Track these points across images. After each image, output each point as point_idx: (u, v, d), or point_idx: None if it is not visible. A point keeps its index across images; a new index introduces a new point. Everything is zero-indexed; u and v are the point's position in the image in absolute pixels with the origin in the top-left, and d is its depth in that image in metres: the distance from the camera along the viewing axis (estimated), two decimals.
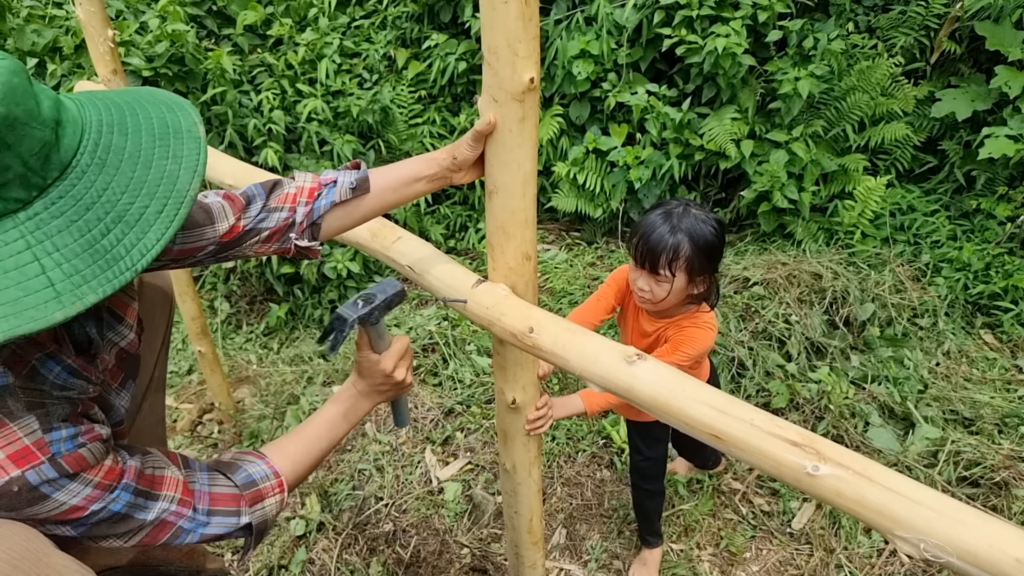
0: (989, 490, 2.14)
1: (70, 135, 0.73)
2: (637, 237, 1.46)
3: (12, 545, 0.78)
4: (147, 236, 0.73)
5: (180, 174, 0.78)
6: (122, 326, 1.08)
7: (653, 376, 0.94)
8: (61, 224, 0.69)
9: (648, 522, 1.93)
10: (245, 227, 1.10)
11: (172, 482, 0.95)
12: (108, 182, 0.73)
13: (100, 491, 0.85)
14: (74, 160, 0.73)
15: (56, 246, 0.68)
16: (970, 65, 3.48)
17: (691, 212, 1.44)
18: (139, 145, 0.78)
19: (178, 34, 3.00)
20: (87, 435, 0.85)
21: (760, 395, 2.54)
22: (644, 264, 1.44)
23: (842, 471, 0.76)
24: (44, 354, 0.86)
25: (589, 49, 3.43)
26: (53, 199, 0.70)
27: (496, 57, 0.92)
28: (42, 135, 0.69)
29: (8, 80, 0.66)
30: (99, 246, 0.70)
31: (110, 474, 0.87)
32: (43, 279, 0.67)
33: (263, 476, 1.05)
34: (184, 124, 0.83)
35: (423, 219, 3.66)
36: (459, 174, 1.11)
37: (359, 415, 1.20)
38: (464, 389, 2.68)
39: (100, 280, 0.69)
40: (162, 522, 0.92)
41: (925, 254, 3.21)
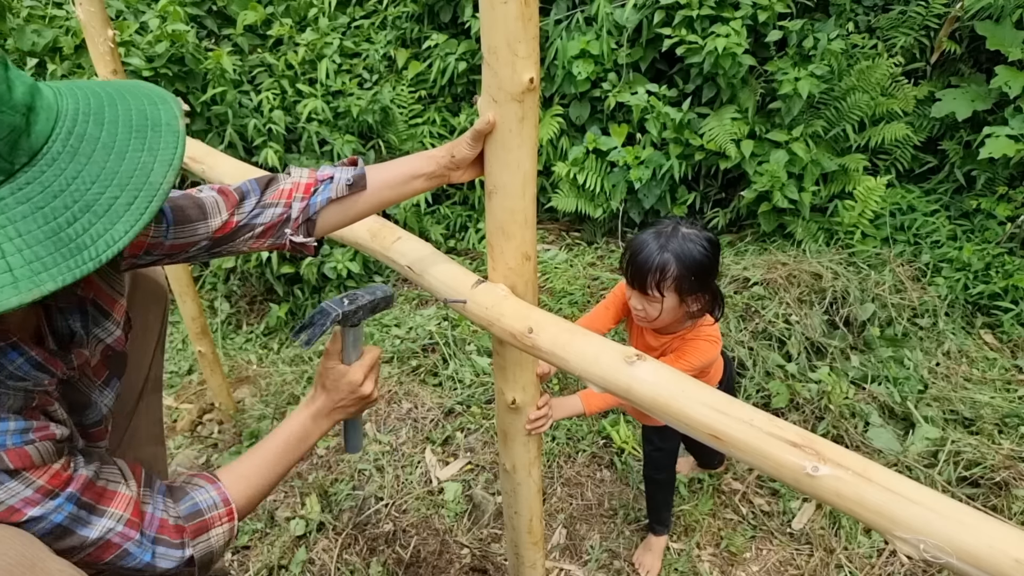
0: (989, 490, 2.14)
1: (42, 122, 0.72)
2: (627, 257, 1.47)
3: (7, 550, 0.77)
4: (115, 227, 0.72)
5: (154, 167, 0.76)
6: (108, 322, 1.06)
7: (653, 377, 0.94)
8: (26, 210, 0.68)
9: (657, 511, 1.99)
10: (239, 223, 1.10)
11: (123, 500, 0.90)
12: (79, 171, 0.72)
13: (41, 495, 0.81)
14: (45, 147, 0.72)
15: (19, 231, 0.67)
16: (970, 65, 3.48)
17: (680, 231, 1.44)
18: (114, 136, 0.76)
19: (178, 34, 3.00)
20: (39, 432, 0.82)
21: (760, 395, 2.54)
22: (633, 284, 1.46)
23: (842, 472, 0.76)
24: (7, 344, 0.84)
25: (589, 49, 3.43)
26: (20, 184, 0.69)
27: (496, 57, 0.92)
28: (11, 120, 0.68)
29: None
30: (64, 234, 0.69)
31: (55, 479, 0.82)
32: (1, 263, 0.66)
33: (211, 504, 0.99)
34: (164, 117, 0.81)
35: (423, 219, 3.66)
36: (457, 172, 1.11)
37: (318, 435, 1.14)
38: (464, 389, 2.68)
39: (61, 268, 0.68)
40: (106, 542, 0.87)
41: (925, 254, 3.21)
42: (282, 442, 1.11)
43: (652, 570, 1.99)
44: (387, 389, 2.70)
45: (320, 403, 1.14)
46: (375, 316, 1.23)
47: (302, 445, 1.12)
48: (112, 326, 1.06)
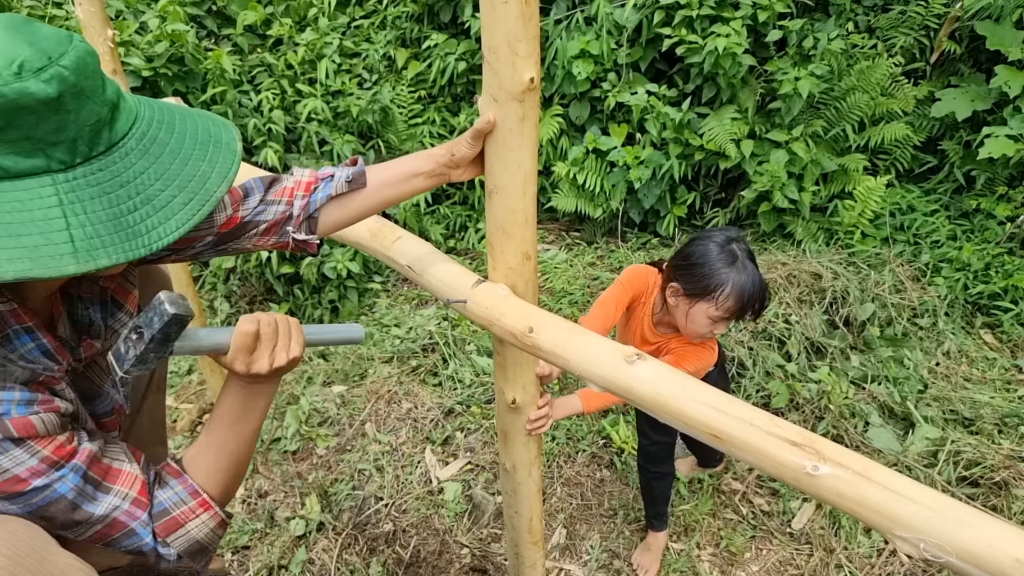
0: (989, 490, 2.14)
1: (123, 120, 0.81)
2: (747, 303, 1.44)
3: (16, 541, 0.78)
4: (169, 222, 0.79)
5: (212, 176, 0.85)
6: (122, 313, 1.09)
7: (653, 376, 0.94)
8: (94, 192, 0.76)
9: (654, 506, 1.97)
10: (243, 219, 1.12)
11: (128, 478, 0.90)
12: (146, 168, 0.80)
13: (46, 466, 0.82)
14: (121, 142, 0.80)
15: (85, 209, 0.74)
16: (970, 65, 3.48)
17: (747, 253, 1.46)
18: (181, 144, 0.85)
19: (178, 34, 3.00)
20: (44, 404, 0.84)
21: (760, 395, 2.54)
22: (742, 316, 1.48)
23: (842, 471, 0.76)
24: (22, 327, 0.87)
25: (589, 49, 3.43)
26: (93, 170, 0.77)
27: (496, 57, 0.92)
28: (99, 111, 0.77)
29: (83, 56, 0.75)
30: (123, 220, 0.76)
31: (60, 450, 0.83)
32: (65, 234, 0.72)
33: (177, 501, 0.94)
34: (225, 138, 0.90)
35: (423, 219, 3.66)
36: (457, 171, 1.11)
37: (262, 403, 1.03)
38: (464, 389, 2.68)
39: (116, 248, 0.75)
40: (113, 520, 0.88)
41: (925, 254, 3.21)
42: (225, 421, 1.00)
43: (651, 570, 1.98)
44: (387, 389, 2.70)
45: (237, 381, 1.00)
46: (188, 346, 0.93)
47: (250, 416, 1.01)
48: (125, 317, 1.09)
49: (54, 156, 0.74)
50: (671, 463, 1.92)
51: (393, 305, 3.31)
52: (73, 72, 0.73)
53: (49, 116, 0.72)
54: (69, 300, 1.01)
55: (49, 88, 0.71)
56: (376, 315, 3.23)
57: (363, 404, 2.63)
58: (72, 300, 1.01)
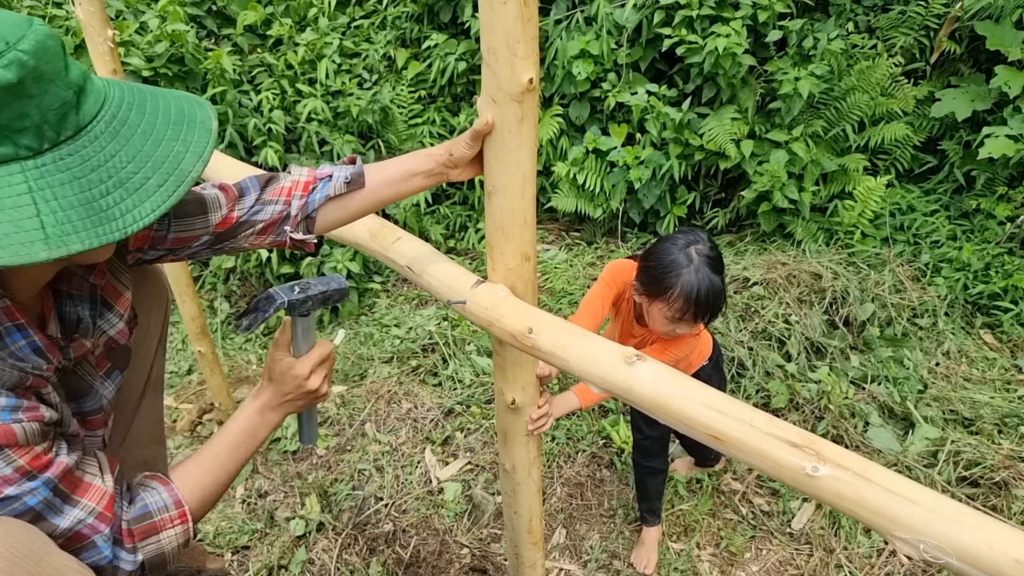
0: (989, 490, 2.14)
1: (91, 103, 0.79)
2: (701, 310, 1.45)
3: (14, 543, 0.78)
4: (144, 204, 0.78)
5: (186, 156, 0.83)
6: (112, 314, 1.08)
7: (653, 377, 0.94)
8: (64, 178, 0.75)
9: (647, 500, 1.99)
10: (239, 218, 1.11)
11: (97, 492, 0.90)
12: (117, 150, 0.79)
13: (19, 475, 0.81)
14: (90, 125, 0.79)
15: (55, 195, 0.73)
16: (970, 65, 3.48)
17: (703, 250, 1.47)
18: (153, 124, 0.84)
19: (178, 34, 3.00)
20: (28, 412, 0.83)
21: (760, 395, 2.54)
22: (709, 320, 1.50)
23: (841, 472, 0.76)
24: (14, 324, 0.86)
25: (589, 49, 3.43)
26: (62, 155, 0.76)
27: (495, 58, 0.92)
28: (64, 95, 0.75)
29: (43, 40, 0.74)
30: (96, 204, 0.75)
31: (36, 461, 0.83)
32: (36, 221, 0.71)
33: (161, 507, 0.96)
34: (200, 117, 0.89)
35: (423, 219, 3.66)
36: (456, 171, 1.11)
37: (268, 429, 1.11)
38: (464, 389, 2.68)
39: (89, 233, 0.74)
40: (76, 533, 0.87)
41: (925, 254, 3.21)
42: (232, 439, 1.08)
43: (650, 564, 1.99)
44: (387, 389, 2.70)
45: (266, 396, 1.11)
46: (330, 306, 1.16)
47: (252, 441, 1.09)
48: (115, 319, 1.09)
49: (20, 143, 0.73)
50: (664, 459, 1.94)
51: (393, 305, 3.31)
52: (32, 56, 0.72)
53: (10, 102, 0.71)
54: (58, 297, 1.00)
55: (8, 74, 0.70)
56: (376, 315, 3.23)
57: (363, 404, 2.63)
58: (61, 297, 1.01)
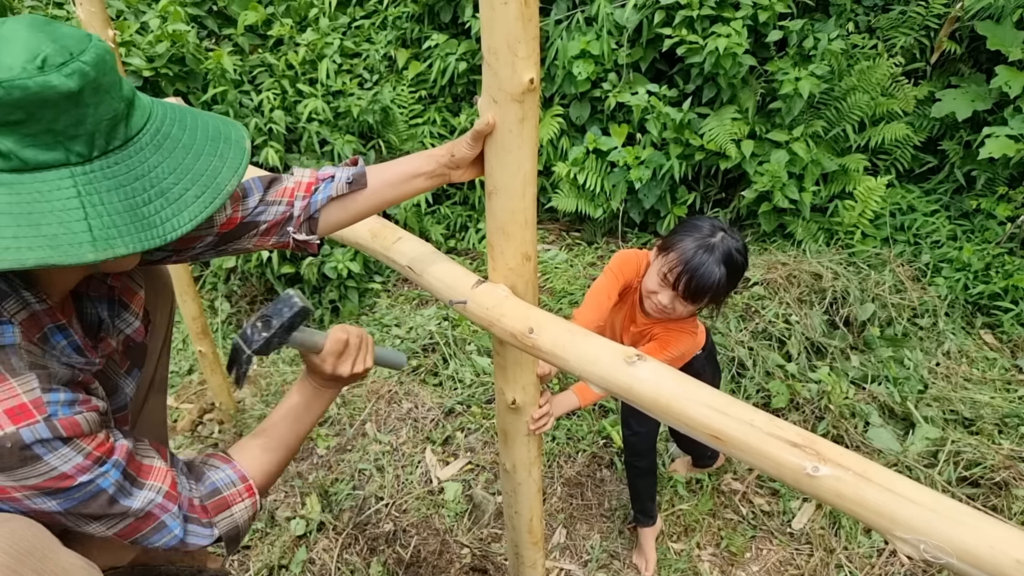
0: (989, 490, 2.14)
1: (138, 117, 0.84)
2: (679, 269, 1.47)
3: (19, 540, 0.79)
4: (182, 214, 0.83)
5: (222, 171, 0.88)
6: (128, 313, 1.11)
7: (653, 377, 0.94)
8: (111, 185, 0.79)
9: (639, 501, 1.99)
10: (243, 219, 1.12)
11: (160, 473, 0.94)
12: (160, 162, 0.84)
13: (91, 462, 0.84)
14: (136, 137, 0.83)
15: (102, 200, 0.77)
16: (970, 65, 3.48)
17: (728, 242, 1.47)
18: (193, 140, 0.89)
19: (179, 34, 3.01)
20: (84, 404, 0.86)
21: (760, 395, 2.54)
22: (686, 296, 1.48)
23: (842, 472, 0.76)
24: (56, 325, 0.90)
25: (589, 49, 3.43)
26: (110, 163, 0.80)
27: (496, 58, 0.92)
28: (117, 106, 0.80)
29: (102, 54, 0.78)
30: (139, 211, 0.79)
31: (102, 447, 0.86)
32: (84, 224, 0.75)
33: (228, 483, 1.01)
34: (235, 136, 0.94)
35: (423, 219, 3.67)
36: (457, 172, 1.12)
37: (323, 406, 1.16)
38: (464, 389, 2.68)
39: (133, 238, 0.78)
40: (147, 513, 0.91)
41: (925, 254, 3.21)
42: (288, 413, 1.12)
43: (649, 563, 1.99)
44: (387, 389, 2.70)
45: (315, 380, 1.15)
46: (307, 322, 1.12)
47: (308, 416, 1.13)
48: (131, 317, 1.11)
49: (73, 149, 0.77)
50: (653, 458, 1.93)
51: (393, 305, 3.31)
52: (93, 68, 0.76)
53: (69, 109, 0.75)
54: (78, 300, 1.03)
55: (71, 82, 0.74)
56: (376, 315, 3.23)
57: (363, 404, 2.63)
58: (81, 300, 1.03)
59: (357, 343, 1.12)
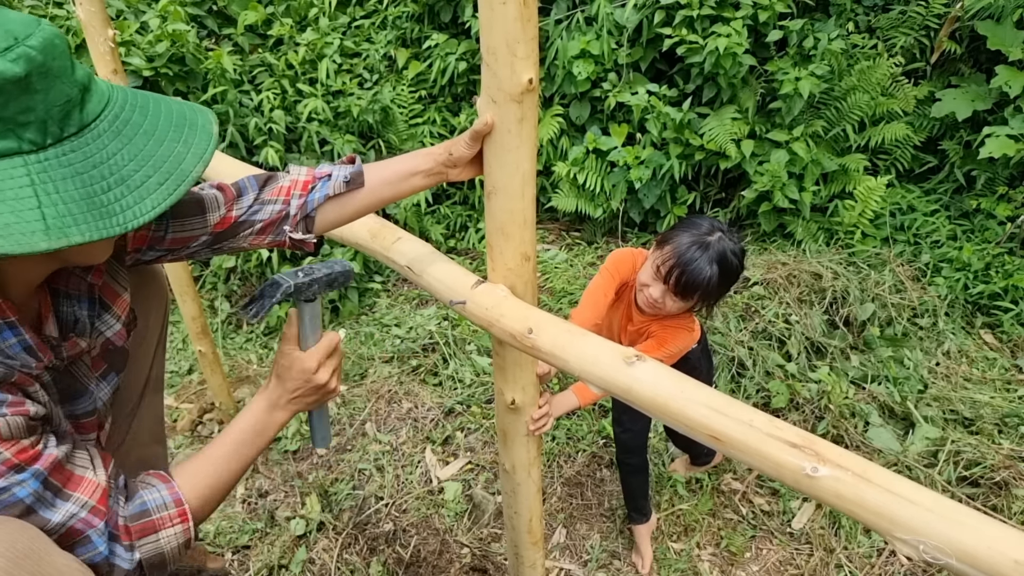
0: (989, 490, 2.14)
1: (95, 103, 0.81)
2: (671, 263, 1.47)
3: (15, 543, 0.78)
4: (144, 201, 0.80)
5: (187, 157, 0.85)
6: (109, 315, 1.08)
7: (652, 378, 0.94)
8: (67, 173, 0.76)
9: (632, 500, 2.00)
10: (238, 218, 1.11)
11: (90, 486, 0.89)
12: (119, 148, 0.81)
13: (6, 468, 0.81)
14: (93, 123, 0.80)
15: (57, 189, 0.75)
16: (970, 65, 3.48)
17: (724, 243, 1.48)
18: (155, 126, 0.86)
19: (179, 34, 3.01)
20: (12, 406, 0.83)
21: (760, 395, 2.54)
22: (676, 292, 1.49)
23: (841, 472, 0.76)
24: (4, 321, 0.87)
25: (589, 49, 3.43)
26: (65, 151, 0.77)
27: (495, 58, 0.92)
28: (69, 92, 0.77)
29: (50, 38, 0.76)
30: (97, 199, 0.77)
31: (22, 453, 0.82)
32: (37, 212, 0.73)
33: (159, 504, 0.95)
34: (201, 121, 0.91)
35: (423, 219, 3.67)
36: (455, 171, 1.11)
37: (276, 427, 1.09)
38: (464, 389, 2.68)
39: (90, 226, 0.75)
40: (69, 528, 0.85)
41: (925, 254, 3.21)
42: (237, 437, 1.06)
43: (646, 561, 2.01)
44: (387, 389, 2.70)
45: (274, 393, 1.09)
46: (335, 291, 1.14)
47: (259, 439, 1.07)
48: (112, 320, 1.08)
49: (24, 137, 0.75)
50: (644, 456, 1.94)
51: (393, 305, 3.31)
52: (40, 52, 0.74)
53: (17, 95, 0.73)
54: (55, 297, 1.00)
55: (16, 67, 0.72)
56: (376, 315, 3.23)
57: (363, 404, 2.63)
58: (59, 297, 1.01)
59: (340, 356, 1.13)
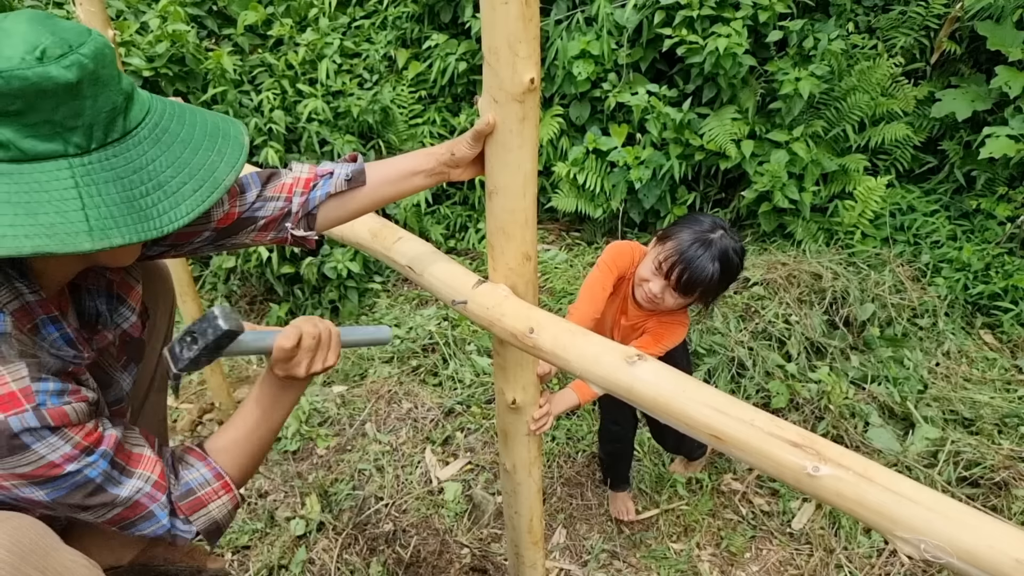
0: (989, 490, 2.14)
1: (137, 111, 0.85)
2: (673, 259, 1.48)
3: (22, 538, 0.80)
4: (180, 207, 0.84)
5: (220, 166, 0.89)
6: (125, 308, 1.11)
7: (654, 377, 0.94)
8: (109, 176, 0.80)
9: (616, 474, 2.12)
10: (241, 214, 1.12)
11: (149, 462, 0.94)
12: (158, 155, 0.85)
13: (79, 451, 0.85)
14: (135, 130, 0.84)
15: (99, 192, 0.78)
16: (970, 65, 3.48)
17: (726, 241, 1.49)
18: (192, 135, 0.90)
19: (179, 34, 3.01)
20: (73, 394, 0.86)
21: (760, 395, 2.54)
22: (677, 288, 1.50)
23: (842, 472, 0.77)
24: (49, 317, 0.90)
25: (589, 49, 3.43)
26: (108, 155, 0.81)
27: (496, 58, 0.92)
28: (115, 99, 0.81)
29: (101, 47, 0.80)
30: (136, 203, 0.80)
31: (90, 436, 0.87)
32: (81, 214, 0.76)
33: (202, 482, 1.00)
34: (233, 132, 0.95)
35: (423, 219, 3.67)
36: (457, 171, 1.11)
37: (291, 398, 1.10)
38: (464, 389, 2.68)
39: (130, 229, 0.79)
40: (135, 502, 0.91)
41: (925, 254, 3.21)
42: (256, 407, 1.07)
43: (630, 512, 2.12)
44: (387, 389, 2.70)
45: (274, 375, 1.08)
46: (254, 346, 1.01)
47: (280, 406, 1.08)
48: (128, 312, 1.12)
49: (71, 141, 0.78)
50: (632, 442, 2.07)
51: (393, 305, 3.31)
52: (92, 60, 0.77)
53: (68, 101, 0.76)
54: (76, 292, 1.03)
55: (69, 74, 0.75)
56: (376, 315, 3.23)
57: (363, 404, 2.63)
58: (79, 292, 1.04)
59: (311, 344, 1.02)
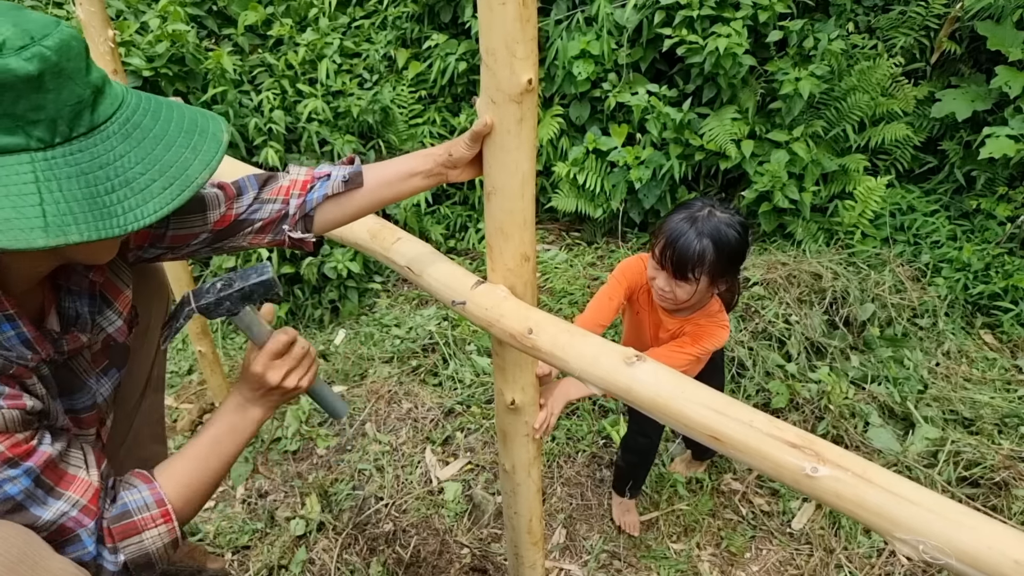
0: (989, 490, 2.14)
1: (107, 105, 0.82)
2: (663, 242, 1.47)
3: (10, 547, 0.78)
4: (147, 205, 0.80)
5: (194, 163, 0.86)
6: (111, 311, 1.09)
7: (652, 378, 0.94)
8: (72, 172, 0.77)
9: (633, 483, 2.07)
10: (237, 216, 1.12)
11: (81, 485, 0.89)
12: (127, 151, 0.81)
13: (0, 463, 0.81)
14: (103, 125, 0.81)
15: (60, 187, 0.75)
16: (970, 65, 3.47)
17: (716, 215, 1.47)
18: (165, 131, 0.86)
19: (178, 34, 3.01)
20: (9, 399, 0.83)
21: (760, 395, 2.54)
22: (673, 271, 1.48)
23: (841, 473, 0.76)
24: (3, 314, 0.87)
25: (589, 49, 3.43)
26: (72, 150, 0.78)
27: (494, 58, 0.92)
28: (81, 93, 0.78)
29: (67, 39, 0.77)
30: (99, 200, 0.77)
31: (17, 448, 0.82)
32: (38, 209, 0.73)
33: (141, 506, 0.94)
34: (211, 128, 0.91)
35: (423, 219, 3.66)
36: (455, 172, 1.11)
37: (251, 425, 1.07)
38: (464, 389, 2.68)
39: (89, 226, 0.75)
40: (60, 526, 0.86)
41: (925, 254, 3.21)
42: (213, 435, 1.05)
43: (635, 526, 2.10)
44: (387, 389, 2.70)
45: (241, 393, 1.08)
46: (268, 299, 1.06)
47: (236, 436, 1.06)
48: (114, 316, 1.09)
49: (33, 135, 0.75)
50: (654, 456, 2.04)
51: (393, 305, 3.31)
52: (55, 52, 0.74)
53: (28, 94, 0.74)
54: (57, 292, 1.01)
55: (29, 66, 0.73)
56: (376, 315, 3.23)
57: (363, 404, 2.63)
58: (61, 292, 1.02)
59: (300, 353, 1.06)
